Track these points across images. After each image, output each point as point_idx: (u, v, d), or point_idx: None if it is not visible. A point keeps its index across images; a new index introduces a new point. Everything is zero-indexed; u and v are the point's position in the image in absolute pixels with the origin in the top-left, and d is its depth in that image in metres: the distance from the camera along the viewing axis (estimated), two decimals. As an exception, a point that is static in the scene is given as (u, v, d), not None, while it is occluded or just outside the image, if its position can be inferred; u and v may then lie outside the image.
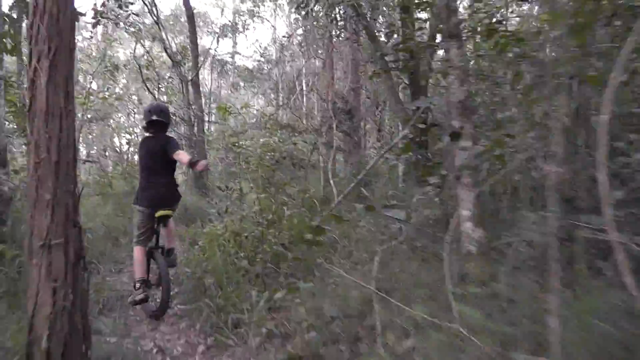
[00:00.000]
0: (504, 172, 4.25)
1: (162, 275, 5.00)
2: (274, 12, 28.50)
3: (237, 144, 7.50)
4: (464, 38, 4.83)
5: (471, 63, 6.23)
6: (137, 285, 4.97)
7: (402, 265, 4.25)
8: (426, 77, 9.35)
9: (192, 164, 4.85)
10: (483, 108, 5.49)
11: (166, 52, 14.44)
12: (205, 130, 14.18)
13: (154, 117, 5.05)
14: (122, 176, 11.52)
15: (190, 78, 13.76)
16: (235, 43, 27.31)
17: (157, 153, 5.02)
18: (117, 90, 16.68)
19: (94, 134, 17.88)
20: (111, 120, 15.85)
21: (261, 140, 7.74)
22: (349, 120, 8.73)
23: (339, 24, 8.34)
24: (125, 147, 14.04)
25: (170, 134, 12.63)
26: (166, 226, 5.38)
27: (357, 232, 5.57)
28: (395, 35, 9.13)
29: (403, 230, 4.58)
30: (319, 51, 14.94)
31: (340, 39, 9.84)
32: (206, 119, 14.29)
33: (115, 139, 14.64)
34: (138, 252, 5.05)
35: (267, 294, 4.41)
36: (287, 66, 20.02)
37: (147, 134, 5.33)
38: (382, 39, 9.27)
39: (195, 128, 13.07)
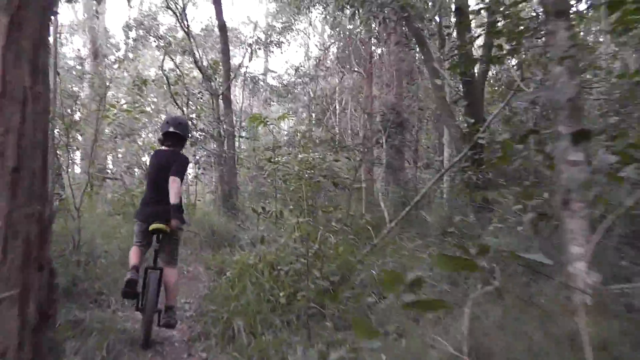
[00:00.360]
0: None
1: (147, 301, 4.48)
2: (307, 30, 27.98)
3: (272, 160, 6.57)
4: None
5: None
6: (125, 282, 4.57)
7: (499, 320, 3.20)
8: (482, 86, 8.35)
9: (175, 209, 4.49)
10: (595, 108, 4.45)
11: (196, 64, 13.73)
12: (236, 148, 13.37)
13: (171, 129, 4.75)
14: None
15: (221, 92, 12.99)
16: (267, 59, 26.65)
17: (165, 168, 4.64)
18: (146, 107, 16.03)
19: (120, 151, 17.28)
20: (137, 137, 15.09)
21: (299, 156, 6.80)
22: (400, 134, 7.75)
23: (389, 25, 7.42)
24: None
25: (200, 150, 11.54)
26: (165, 260, 4.75)
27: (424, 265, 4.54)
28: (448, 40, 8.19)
29: (497, 272, 3.54)
30: (358, 62, 14.08)
31: (387, 43, 8.96)
32: (236, 134, 13.44)
33: (142, 157, 13.80)
34: (132, 250, 4.78)
35: (315, 351, 3.38)
36: (320, 83, 19.25)
37: (162, 147, 4.97)
38: (434, 43, 8.36)
39: (225, 145, 12.25)
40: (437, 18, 8.25)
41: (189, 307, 5.97)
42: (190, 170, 18.40)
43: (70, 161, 12.47)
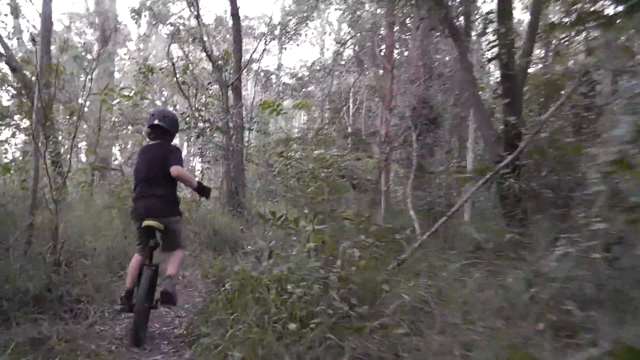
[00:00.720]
0: None
1: (137, 298, 4.31)
2: (323, 26, 27.09)
3: (284, 155, 5.70)
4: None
5: None
6: (120, 300, 4.49)
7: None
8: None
9: (200, 191, 4.77)
10: None
11: (206, 52, 12.88)
12: (245, 142, 12.51)
13: (155, 122, 4.69)
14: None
15: (231, 82, 12.15)
16: (280, 55, 25.81)
17: (156, 161, 4.58)
18: (149, 96, 15.19)
19: (124, 141, 16.52)
20: (141, 127, 14.23)
21: (315, 152, 5.93)
22: (434, 132, 6.85)
23: (421, 9, 6.54)
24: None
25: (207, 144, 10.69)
26: (168, 249, 4.74)
27: (470, 293, 3.66)
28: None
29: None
30: (377, 56, 13.20)
31: (416, 32, 8.11)
32: (246, 126, 12.57)
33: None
34: (133, 259, 4.64)
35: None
36: (335, 80, 18.38)
37: (149, 142, 4.95)
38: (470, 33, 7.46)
39: (234, 138, 11.40)
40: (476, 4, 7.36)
41: (179, 322, 5.12)
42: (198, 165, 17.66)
43: (72, 149, 11.70)
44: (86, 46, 20.86)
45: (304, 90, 18.00)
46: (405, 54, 12.88)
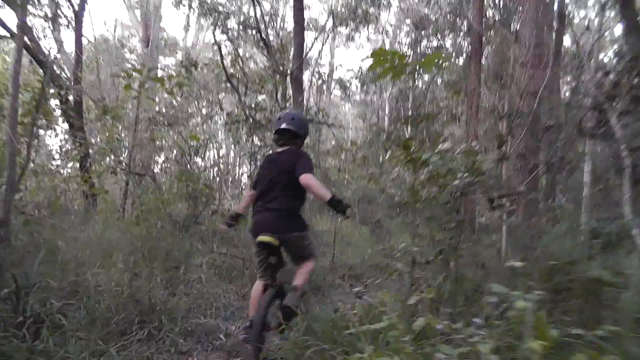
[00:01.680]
0: None
1: (253, 323, 3.69)
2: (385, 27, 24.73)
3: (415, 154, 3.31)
4: None
5: None
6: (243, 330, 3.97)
7: None
8: None
9: (334, 205, 3.77)
10: None
11: (261, 36, 10.65)
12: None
13: (283, 125, 4.20)
14: (179, 195, 7.59)
15: (290, 71, 9.84)
16: (332, 55, 23.51)
17: (282, 170, 4.05)
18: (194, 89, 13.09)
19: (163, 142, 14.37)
20: (182, 127, 12.05)
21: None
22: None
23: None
24: (193, 157, 10.17)
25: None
26: (298, 262, 4.15)
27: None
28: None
29: None
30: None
31: None
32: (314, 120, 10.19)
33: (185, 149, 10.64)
34: (254, 287, 4.16)
35: None
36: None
37: (275, 150, 4.44)
38: None
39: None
40: None
41: None
42: (245, 168, 15.42)
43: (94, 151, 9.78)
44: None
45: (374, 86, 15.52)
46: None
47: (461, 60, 14.56)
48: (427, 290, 2.87)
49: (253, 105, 10.18)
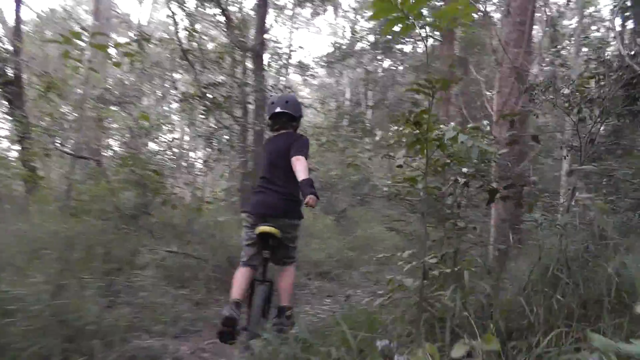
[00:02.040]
0: None
1: (251, 320, 3.68)
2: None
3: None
4: None
5: None
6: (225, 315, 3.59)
7: None
8: None
9: (304, 186, 3.63)
10: None
11: (220, 8, 9.77)
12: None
13: (277, 109, 4.17)
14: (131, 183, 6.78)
15: (254, 45, 9.05)
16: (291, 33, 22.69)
17: (281, 153, 4.01)
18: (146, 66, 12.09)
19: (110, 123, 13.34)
20: (132, 105, 11.05)
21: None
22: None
23: None
24: (144, 139, 9.34)
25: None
26: (281, 262, 4.02)
27: None
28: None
29: None
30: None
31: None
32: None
33: (135, 130, 9.73)
34: (238, 272, 3.90)
35: None
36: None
37: (273, 134, 4.35)
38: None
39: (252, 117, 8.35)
40: None
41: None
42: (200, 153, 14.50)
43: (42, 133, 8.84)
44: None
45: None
46: None
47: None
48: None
49: (209, 84, 9.37)
